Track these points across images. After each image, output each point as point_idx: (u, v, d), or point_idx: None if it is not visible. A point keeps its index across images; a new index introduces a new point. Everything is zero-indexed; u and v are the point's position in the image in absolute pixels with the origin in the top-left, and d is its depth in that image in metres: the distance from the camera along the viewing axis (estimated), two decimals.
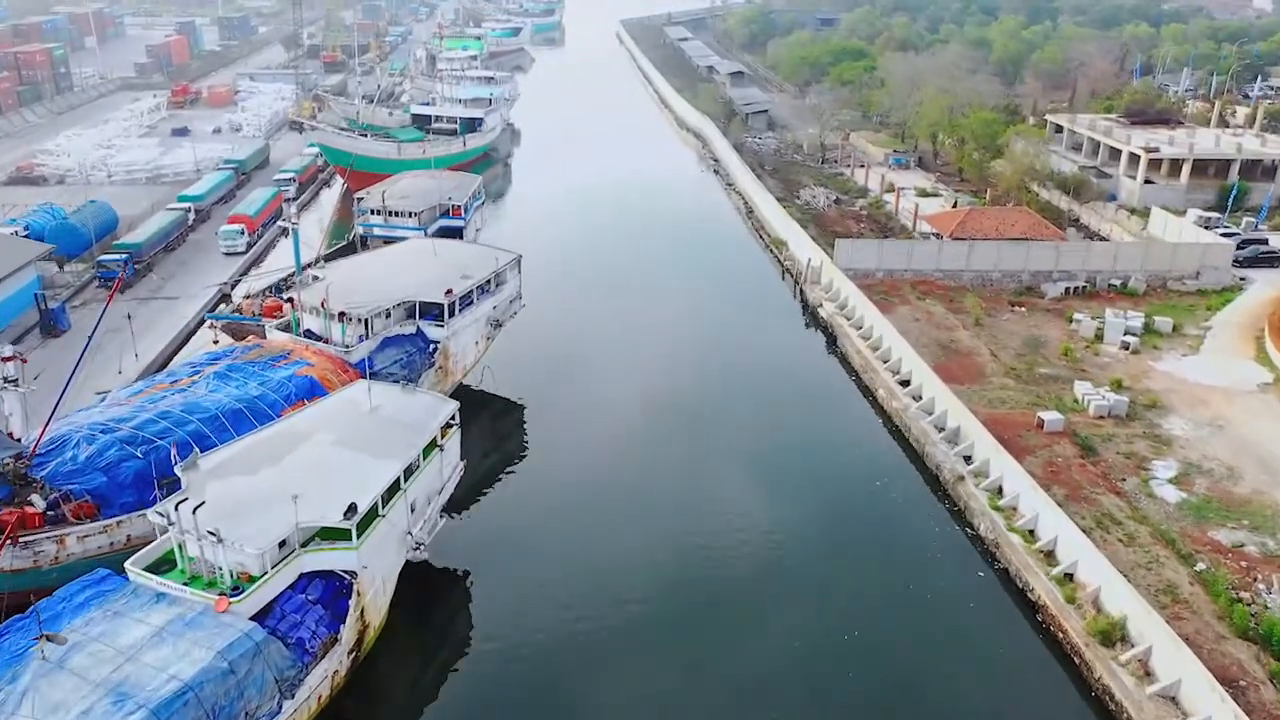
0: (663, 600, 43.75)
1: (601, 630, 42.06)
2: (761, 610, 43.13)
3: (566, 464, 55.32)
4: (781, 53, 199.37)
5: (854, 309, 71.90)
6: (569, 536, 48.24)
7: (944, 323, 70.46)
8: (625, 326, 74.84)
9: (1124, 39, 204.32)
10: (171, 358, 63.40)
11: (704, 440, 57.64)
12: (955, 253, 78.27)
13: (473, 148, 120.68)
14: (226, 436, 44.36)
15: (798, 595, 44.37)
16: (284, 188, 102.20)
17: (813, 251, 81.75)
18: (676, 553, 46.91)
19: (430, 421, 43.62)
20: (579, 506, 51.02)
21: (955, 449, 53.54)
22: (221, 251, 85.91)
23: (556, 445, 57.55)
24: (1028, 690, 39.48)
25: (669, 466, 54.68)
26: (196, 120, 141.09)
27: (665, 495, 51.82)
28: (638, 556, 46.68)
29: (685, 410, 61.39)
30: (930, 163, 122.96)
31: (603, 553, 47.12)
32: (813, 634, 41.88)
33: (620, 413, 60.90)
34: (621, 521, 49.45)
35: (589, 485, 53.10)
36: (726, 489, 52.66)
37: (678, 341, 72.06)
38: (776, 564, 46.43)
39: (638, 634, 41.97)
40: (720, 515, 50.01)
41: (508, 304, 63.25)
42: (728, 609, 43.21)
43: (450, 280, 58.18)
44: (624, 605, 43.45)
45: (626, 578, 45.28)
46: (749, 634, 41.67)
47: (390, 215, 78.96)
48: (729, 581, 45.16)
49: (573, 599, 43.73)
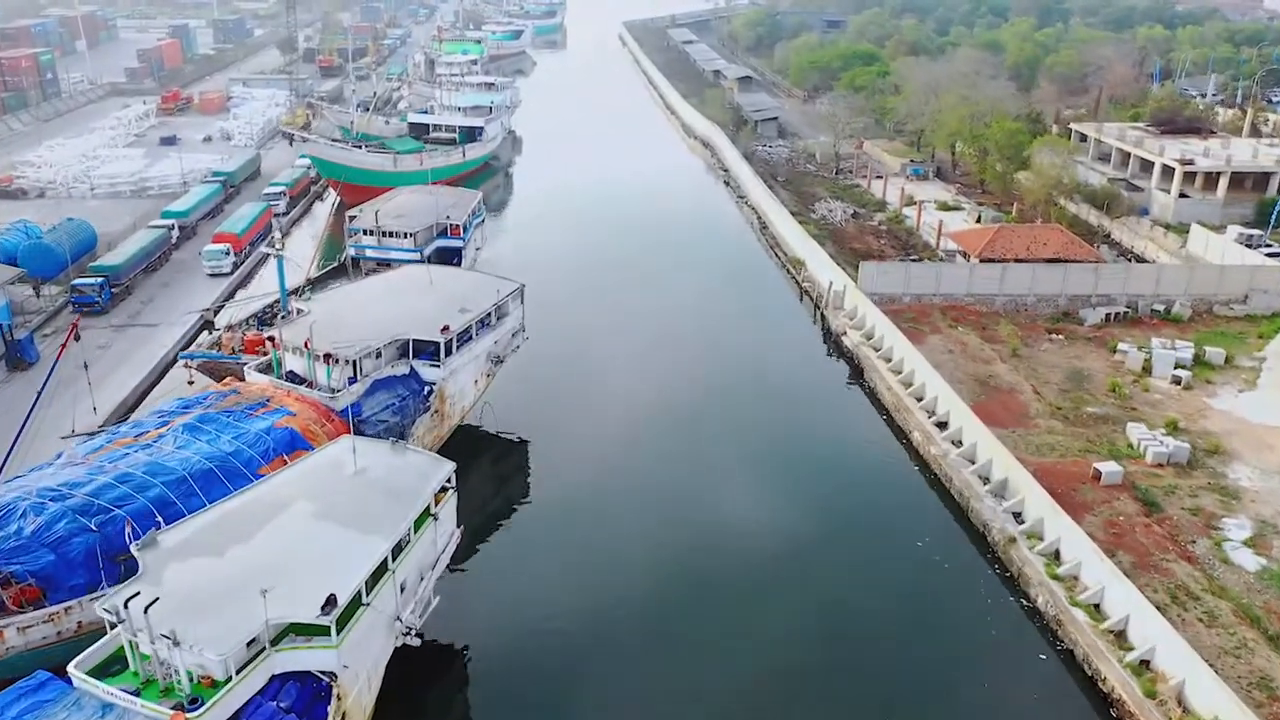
0: (689, 688, 38.78)
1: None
2: (809, 699, 38.15)
3: (573, 516, 50.35)
4: (789, 56, 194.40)
5: (882, 339, 66.88)
6: (578, 611, 43.18)
7: (979, 354, 65.44)
8: (633, 353, 69.86)
9: (1139, 42, 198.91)
10: (145, 396, 58.46)
11: (726, 490, 52.65)
12: (988, 276, 73.23)
13: (472, 158, 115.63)
14: (195, 503, 39.51)
15: (843, 680, 39.37)
16: (273, 202, 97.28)
17: (834, 274, 76.72)
18: (704, 637, 41.84)
19: (423, 487, 38.61)
20: (588, 569, 46.07)
21: (1004, 504, 48.54)
22: (206, 272, 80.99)
23: (562, 493, 52.57)
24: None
25: (687, 525, 49.65)
26: (187, 128, 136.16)
27: (684, 561, 46.78)
28: (658, 641, 41.69)
29: (702, 452, 56.49)
30: (949, 173, 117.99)
31: (616, 632, 42.13)
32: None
33: (630, 455, 55.99)
34: (638, 597, 44.30)
35: (599, 543, 48.15)
36: (754, 546, 47.64)
37: (690, 371, 67.09)
38: (816, 647, 41.39)
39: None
40: (748, 581, 45.01)
41: (509, 338, 58.26)
42: (761, 680, 38.29)
43: (447, 314, 53.22)
44: (644, 695, 38.51)
45: (645, 662, 40.32)
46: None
47: (384, 236, 73.89)
48: (764, 657, 40.17)
49: (585, 681, 38.80)
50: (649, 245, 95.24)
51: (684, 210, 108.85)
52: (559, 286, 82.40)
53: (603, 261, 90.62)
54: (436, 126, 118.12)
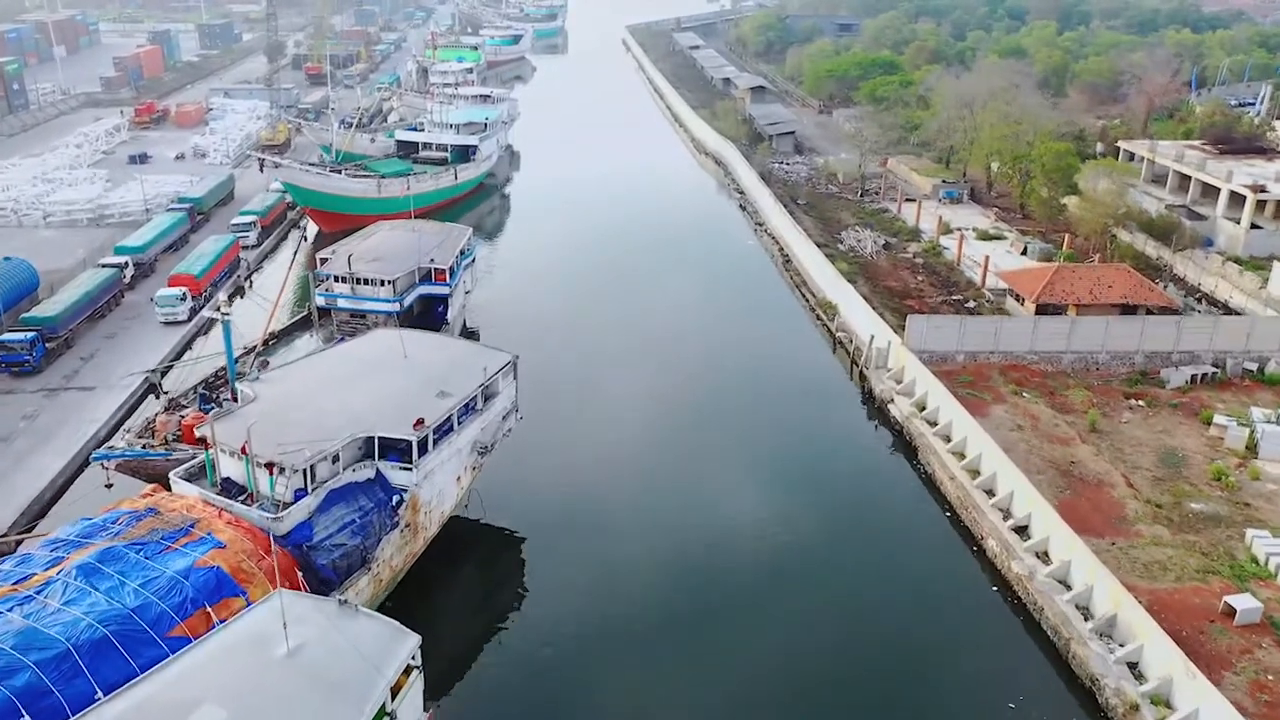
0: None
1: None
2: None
3: (582, 646, 40.78)
4: (802, 63, 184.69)
5: (937, 410, 57.10)
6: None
7: (1054, 431, 55.62)
8: (644, 420, 60.12)
9: (1168, 47, 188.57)
10: (55, 501, 48.76)
11: (753, 628, 42.91)
12: (1054, 331, 63.50)
13: (466, 180, 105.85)
14: (79, 687, 30.04)
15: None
16: (242, 234, 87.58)
17: (874, 324, 66.96)
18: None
19: (375, 680, 28.95)
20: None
21: (1114, 653, 38.84)
22: (159, 320, 71.41)
23: (564, 610, 42.88)
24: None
25: (715, 648, 40.10)
26: (160, 143, 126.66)
27: (715, 691, 37.24)
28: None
29: (723, 549, 46.98)
30: (983, 194, 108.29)
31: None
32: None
33: (643, 556, 46.36)
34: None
35: (611, 679, 38.56)
36: (801, 688, 38.08)
37: (710, 446, 57.47)
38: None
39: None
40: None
41: (499, 421, 48.60)
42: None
43: (422, 400, 43.62)
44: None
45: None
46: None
47: (358, 283, 64.15)
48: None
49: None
50: (659, 281, 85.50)
51: (696, 239, 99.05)
52: (557, 331, 72.93)
53: (607, 300, 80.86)
54: (426, 145, 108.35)
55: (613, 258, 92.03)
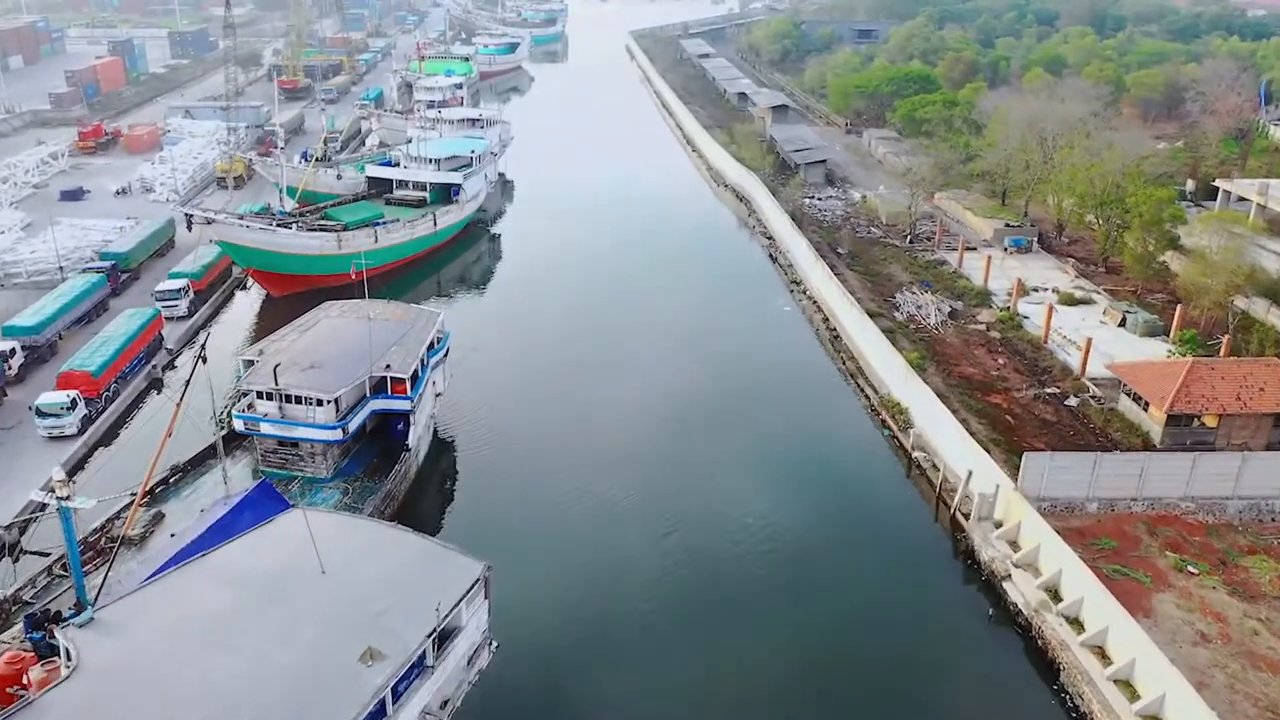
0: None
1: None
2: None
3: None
4: (824, 75, 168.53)
5: (1080, 604, 40.89)
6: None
7: (1252, 644, 39.32)
8: (675, 589, 44.32)
9: (1218, 56, 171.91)
10: None
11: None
12: (1218, 471, 47.36)
13: (446, 227, 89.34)
14: None
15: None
16: (167, 304, 71.45)
17: (971, 453, 50.65)
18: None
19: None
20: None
21: None
22: (41, 434, 55.49)
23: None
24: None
25: None
26: (103, 174, 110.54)
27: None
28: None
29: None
30: (1052, 239, 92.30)
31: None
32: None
33: None
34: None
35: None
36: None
37: (758, 637, 41.64)
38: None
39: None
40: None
41: (463, 669, 32.54)
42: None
43: (337, 676, 27.68)
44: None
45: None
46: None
47: (287, 401, 47.98)
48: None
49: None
50: (679, 364, 69.41)
51: (721, 302, 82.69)
52: (553, 443, 56.95)
53: (612, 401, 64.63)
54: (403, 184, 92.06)
55: (621, 330, 76.02)
